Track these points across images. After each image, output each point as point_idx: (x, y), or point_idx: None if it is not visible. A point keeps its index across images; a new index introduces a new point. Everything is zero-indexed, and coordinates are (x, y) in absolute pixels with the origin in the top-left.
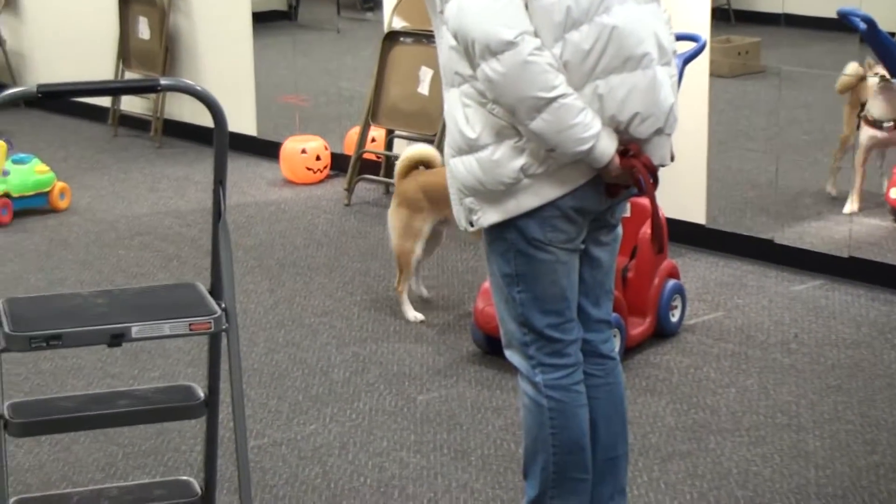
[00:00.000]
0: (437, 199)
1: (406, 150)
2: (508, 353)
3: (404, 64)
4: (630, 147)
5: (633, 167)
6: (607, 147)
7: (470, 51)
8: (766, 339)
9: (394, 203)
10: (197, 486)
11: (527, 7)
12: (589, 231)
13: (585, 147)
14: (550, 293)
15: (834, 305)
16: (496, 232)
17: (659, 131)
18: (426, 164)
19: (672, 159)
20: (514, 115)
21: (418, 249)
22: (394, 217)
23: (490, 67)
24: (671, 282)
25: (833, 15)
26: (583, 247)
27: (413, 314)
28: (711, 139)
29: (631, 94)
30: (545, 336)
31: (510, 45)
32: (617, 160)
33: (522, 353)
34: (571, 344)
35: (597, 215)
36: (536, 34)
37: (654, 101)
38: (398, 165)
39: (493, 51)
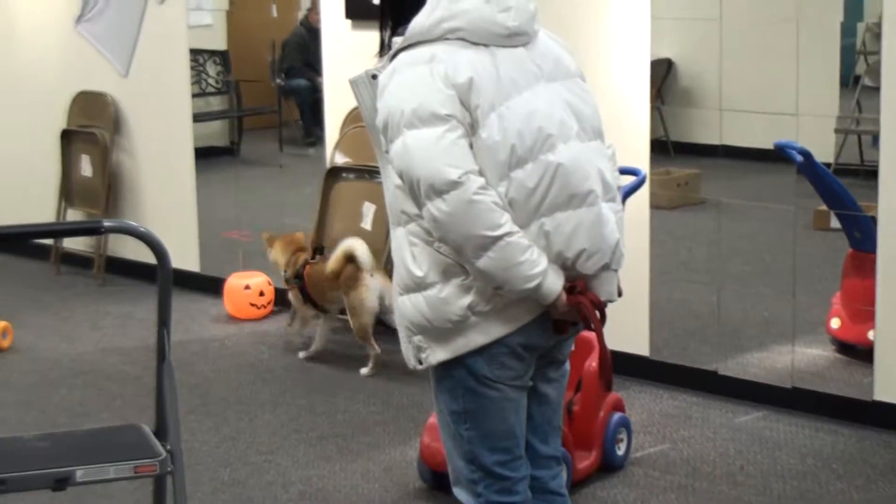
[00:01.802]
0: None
1: (359, 247)
2: (456, 491)
3: (347, 199)
4: (577, 283)
5: (581, 304)
6: (554, 284)
7: (415, 190)
8: (712, 470)
9: (385, 276)
10: None
11: (471, 146)
12: (537, 368)
13: (532, 284)
14: (499, 430)
15: (778, 436)
16: (444, 369)
17: (605, 267)
18: (353, 258)
19: (620, 295)
20: (460, 254)
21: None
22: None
23: (435, 207)
24: (617, 415)
25: (770, 147)
26: (531, 384)
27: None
28: (653, 271)
29: (577, 230)
30: (493, 474)
31: (455, 184)
32: (564, 297)
33: (470, 491)
34: (520, 481)
35: (545, 352)
36: (481, 173)
37: (600, 236)
38: (334, 262)
39: (438, 190)
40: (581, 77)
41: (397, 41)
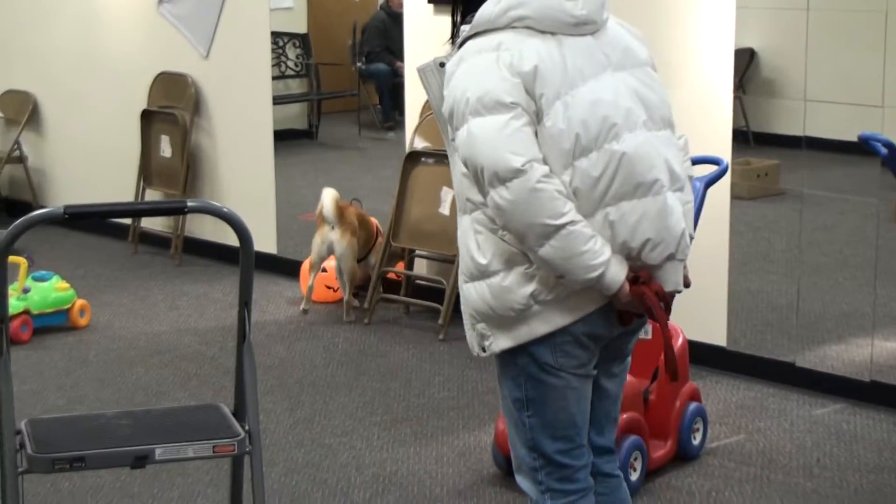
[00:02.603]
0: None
1: (326, 198)
2: (518, 478)
3: (426, 184)
4: (641, 274)
5: (644, 294)
6: (617, 274)
7: (479, 178)
8: (788, 462)
9: (346, 234)
10: None
11: (536, 134)
12: (601, 360)
13: (595, 274)
14: (560, 419)
15: (856, 429)
16: (508, 357)
17: (671, 257)
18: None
19: (687, 285)
20: (522, 242)
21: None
22: (349, 246)
23: (499, 195)
24: (693, 404)
25: (854, 139)
26: (594, 373)
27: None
28: (732, 261)
29: (642, 220)
30: (554, 462)
31: (518, 172)
32: (627, 287)
33: (532, 479)
34: (581, 469)
35: (609, 342)
36: (545, 161)
37: (665, 226)
38: (332, 208)
39: (502, 178)
40: (652, 66)
41: (466, 29)
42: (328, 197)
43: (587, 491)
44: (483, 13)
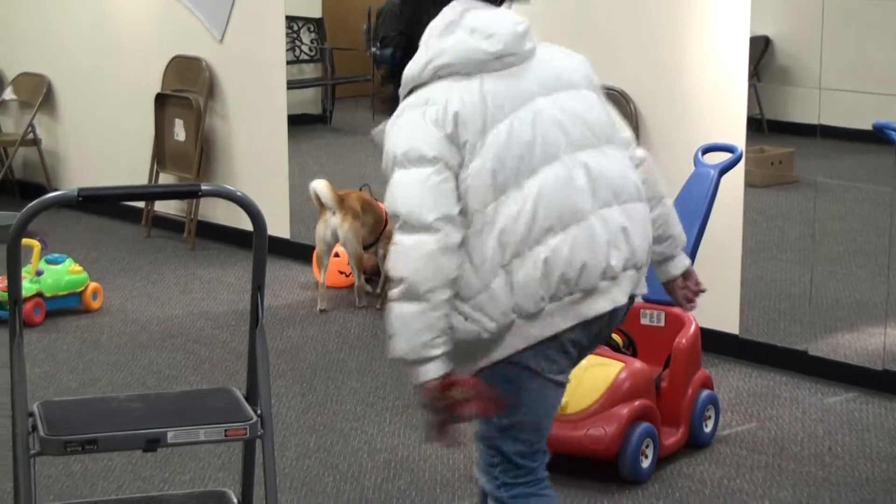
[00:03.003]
0: (367, 210)
1: (319, 186)
2: (476, 471)
3: None
4: (461, 381)
5: (449, 405)
6: (432, 371)
7: (396, 222)
8: (799, 451)
9: (347, 218)
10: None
11: (457, 178)
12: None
13: (413, 357)
14: (527, 422)
15: (868, 418)
16: None
17: (628, 266)
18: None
19: (702, 291)
20: (392, 282)
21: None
22: (352, 229)
23: (402, 239)
24: (705, 392)
25: (869, 127)
26: (567, 381)
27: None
28: (745, 249)
29: (574, 249)
30: (512, 462)
31: (428, 227)
32: (435, 385)
33: (488, 474)
34: (536, 470)
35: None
36: (465, 210)
37: (597, 249)
38: (329, 193)
39: (411, 226)
40: (590, 88)
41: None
42: (321, 185)
43: (542, 482)
44: (408, 73)
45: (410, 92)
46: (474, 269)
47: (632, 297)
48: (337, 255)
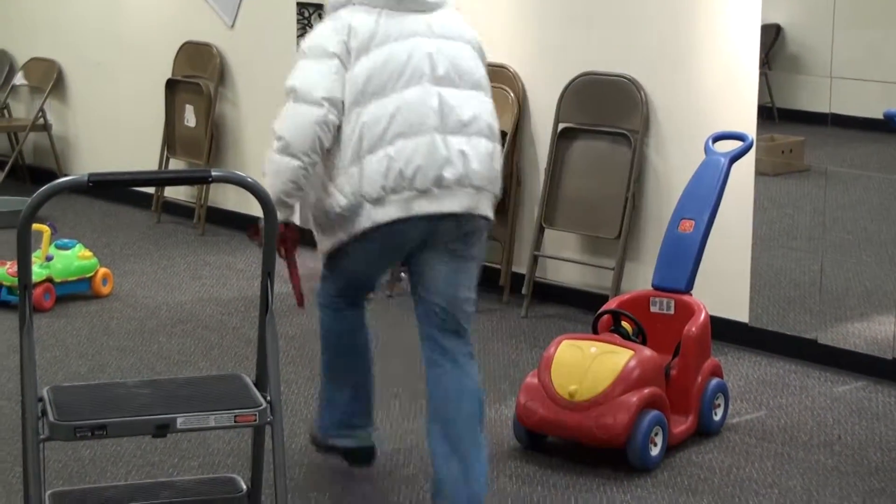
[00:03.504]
0: None
1: None
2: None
3: None
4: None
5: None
6: (281, 213)
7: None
8: (809, 439)
9: None
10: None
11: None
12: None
13: (277, 198)
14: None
15: (877, 407)
16: None
17: (461, 183)
18: None
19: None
20: (272, 139)
21: None
22: None
23: (289, 104)
24: (714, 380)
25: (880, 116)
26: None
27: None
28: (755, 237)
29: (414, 153)
30: (331, 294)
31: (315, 102)
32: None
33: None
34: (343, 301)
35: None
36: (343, 102)
37: (433, 158)
38: None
39: (299, 96)
40: (471, 45)
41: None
42: None
43: (351, 308)
44: (332, 1)
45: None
46: (340, 153)
47: (483, 217)
48: None
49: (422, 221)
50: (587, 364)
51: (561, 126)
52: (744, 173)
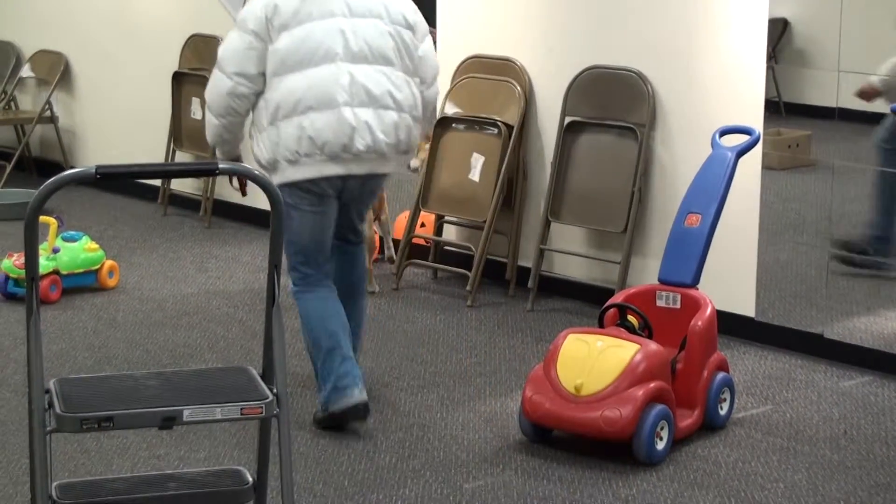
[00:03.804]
0: None
1: None
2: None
3: (456, 150)
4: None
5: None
6: (222, 154)
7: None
8: (814, 434)
9: None
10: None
11: (264, 54)
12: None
13: (211, 143)
14: (296, 241)
15: (883, 402)
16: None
17: (370, 150)
18: None
19: (410, 168)
20: (206, 102)
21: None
22: None
23: (214, 73)
24: (720, 374)
25: (886, 111)
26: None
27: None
28: (762, 231)
29: (324, 126)
30: (296, 269)
31: (226, 75)
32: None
33: (290, 278)
34: (314, 275)
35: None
36: (267, 72)
37: (342, 131)
38: None
39: (219, 67)
40: (394, 21)
41: None
42: None
43: (319, 285)
44: None
45: None
46: (263, 114)
47: (384, 174)
48: None
49: (331, 180)
50: (593, 358)
51: (567, 119)
52: (750, 167)
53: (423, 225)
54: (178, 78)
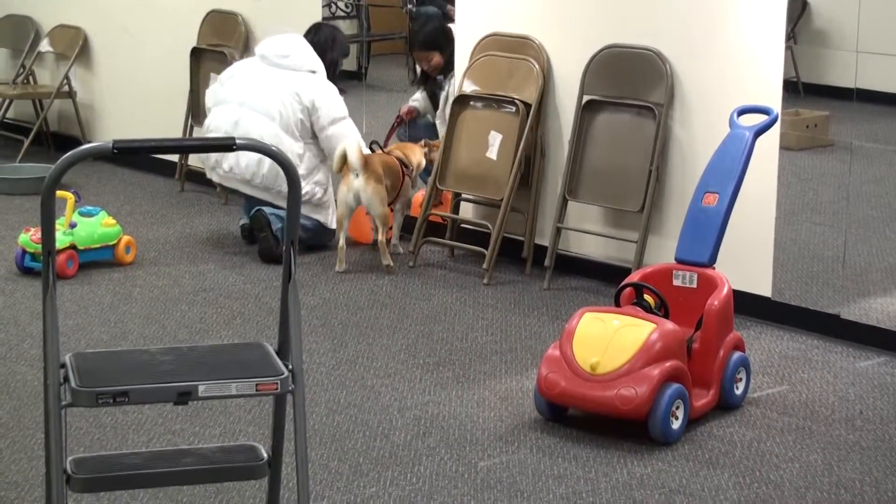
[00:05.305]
0: (387, 171)
1: (350, 148)
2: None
3: (473, 128)
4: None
5: None
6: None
7: None
8: (830, 414)
9: (370, 181)
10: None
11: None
12: None
13: None
14: None
15: None
16: None
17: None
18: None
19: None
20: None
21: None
22: (376, 192)
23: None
24: (736, 354)
25: None
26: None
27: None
28: (779, 211)
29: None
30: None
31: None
32: None
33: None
34: None
35: None
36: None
37: (229, 156)
38: (338, 161)
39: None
40: (291, 97)
41: None
42: (352, 146)
43: None
44: None
45: None
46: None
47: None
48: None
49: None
50: (609, 336)
51: (585, 98)
52: (768, 147)
53: (440, 203)
54: (196, 53)
